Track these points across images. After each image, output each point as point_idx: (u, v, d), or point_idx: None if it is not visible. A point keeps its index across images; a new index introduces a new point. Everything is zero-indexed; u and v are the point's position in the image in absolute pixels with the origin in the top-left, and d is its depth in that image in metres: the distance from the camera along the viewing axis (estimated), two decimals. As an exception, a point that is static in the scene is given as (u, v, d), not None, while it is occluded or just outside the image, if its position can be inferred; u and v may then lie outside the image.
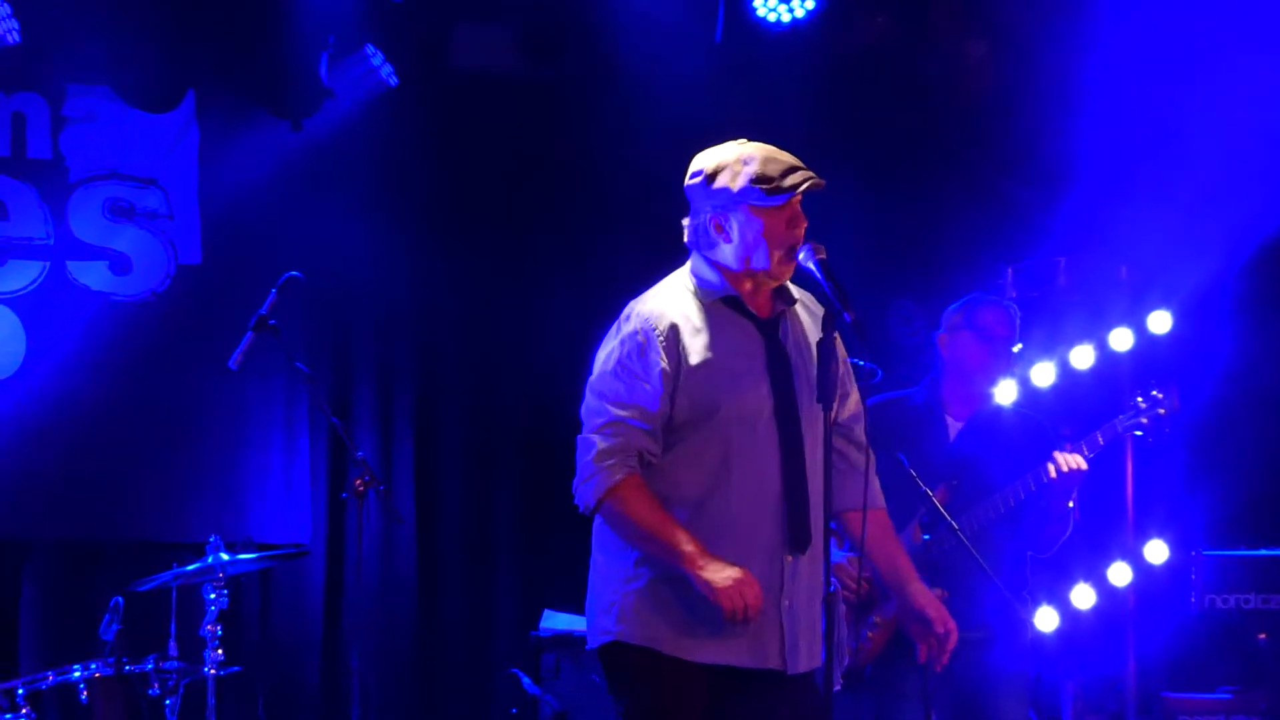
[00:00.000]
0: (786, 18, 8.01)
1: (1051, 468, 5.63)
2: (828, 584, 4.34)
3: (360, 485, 6.00)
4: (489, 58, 8.32)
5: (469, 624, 8.19)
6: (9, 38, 7.53)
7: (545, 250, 8.21)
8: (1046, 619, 6.50)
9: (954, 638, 4.57)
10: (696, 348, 4.38)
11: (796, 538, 4.38)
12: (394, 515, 6.31)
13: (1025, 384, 7.23)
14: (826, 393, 4.30)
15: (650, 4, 7.86)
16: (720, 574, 4.25)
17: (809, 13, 8.00)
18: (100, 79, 7.84)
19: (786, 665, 4.38)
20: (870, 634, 5.70)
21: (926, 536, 5.50)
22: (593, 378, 4.46)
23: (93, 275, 7.84)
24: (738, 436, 4.35)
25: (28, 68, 7.72)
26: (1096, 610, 7.40)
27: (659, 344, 4.37)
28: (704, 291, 4.46)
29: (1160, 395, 5.83)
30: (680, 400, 4.36)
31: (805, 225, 4.42)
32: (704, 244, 4.47)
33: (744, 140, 4.46)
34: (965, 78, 8.12)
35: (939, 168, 8.18)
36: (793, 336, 4.48)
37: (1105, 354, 7.46)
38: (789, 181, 4.36)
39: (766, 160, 4.38)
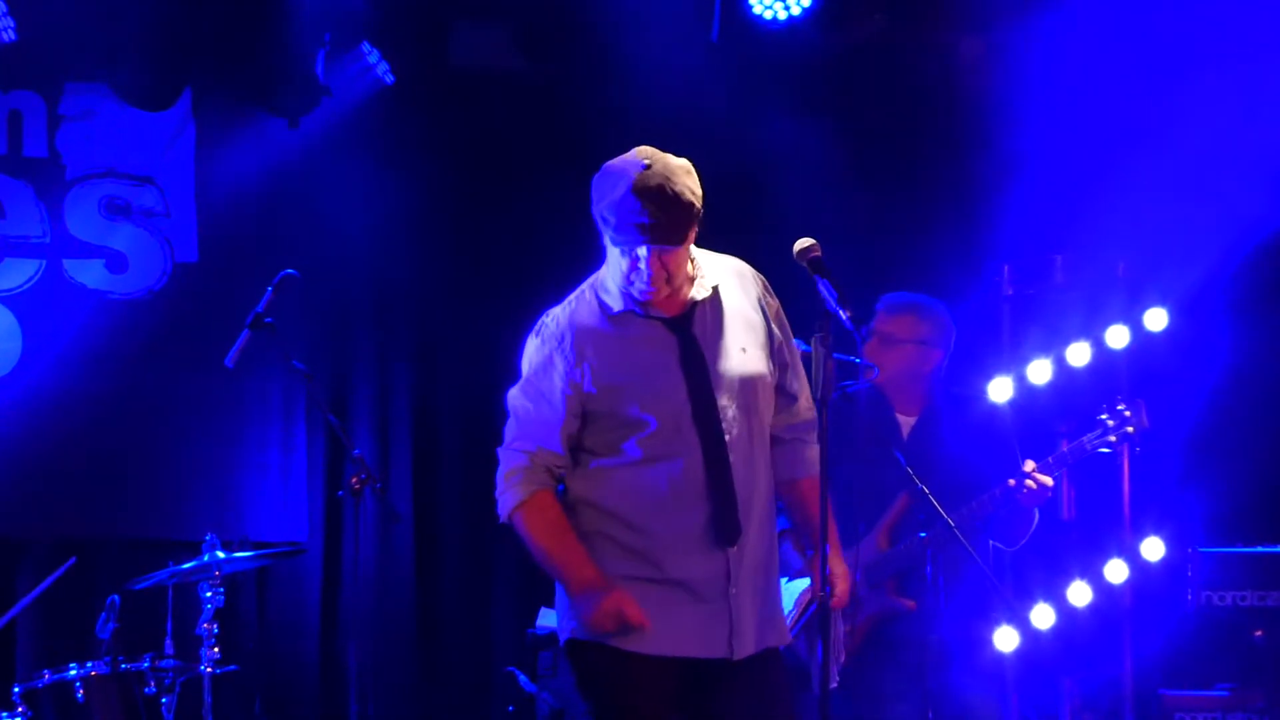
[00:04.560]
0: (783, 15, 8.00)
1: (1012, 481, 5.57)
2: (822, 581, 4.32)
3: (357, 483, 5.99)
4: (486, 56, 8.32)
5: (466, 622, 8.19)
6: (5, 35, 7.52)
7: (543, 248, 8.19)
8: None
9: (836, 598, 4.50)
10: (604, 361, 4.40)
11: (723, 533, 4.39)
12: (391, 513, 6.31)
13: (1022, 381, 7.23)
14: (824, 390, 4.31)
15: (647, 2, 7.86)
16: (588, 607, 4.34)
17: (805, 10, 7.99)
18: (97, 77, 7.83)
19: (733, 652, 4.40)
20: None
21: (923, 535, 5.46)
22: (511, 390, 4.52)
23: (89, 273, 7.84)
24: (661, 441, 4.37)
25: (24, 65, 7.72)
26: (1093, 608, 7.39)
27: (565, 361, 4.41)
28: (606, 302, 4.46)
29: (1128, 412, 5.77)
30: (596, 412, 4.39)
31: (654, 275, 4.32)
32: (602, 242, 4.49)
33: (652, 156, 4.35)
34: (961, 75, 8.13)
35: (935, 165, 8.18)
36: (710, 325, 4.45)
37: (1102, 351, 7.45)
38: (625, 234, 4.30)
39: (628, 199, 4.28)
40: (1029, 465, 5.60)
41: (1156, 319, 7.40)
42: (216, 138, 7.95)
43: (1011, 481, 5.56)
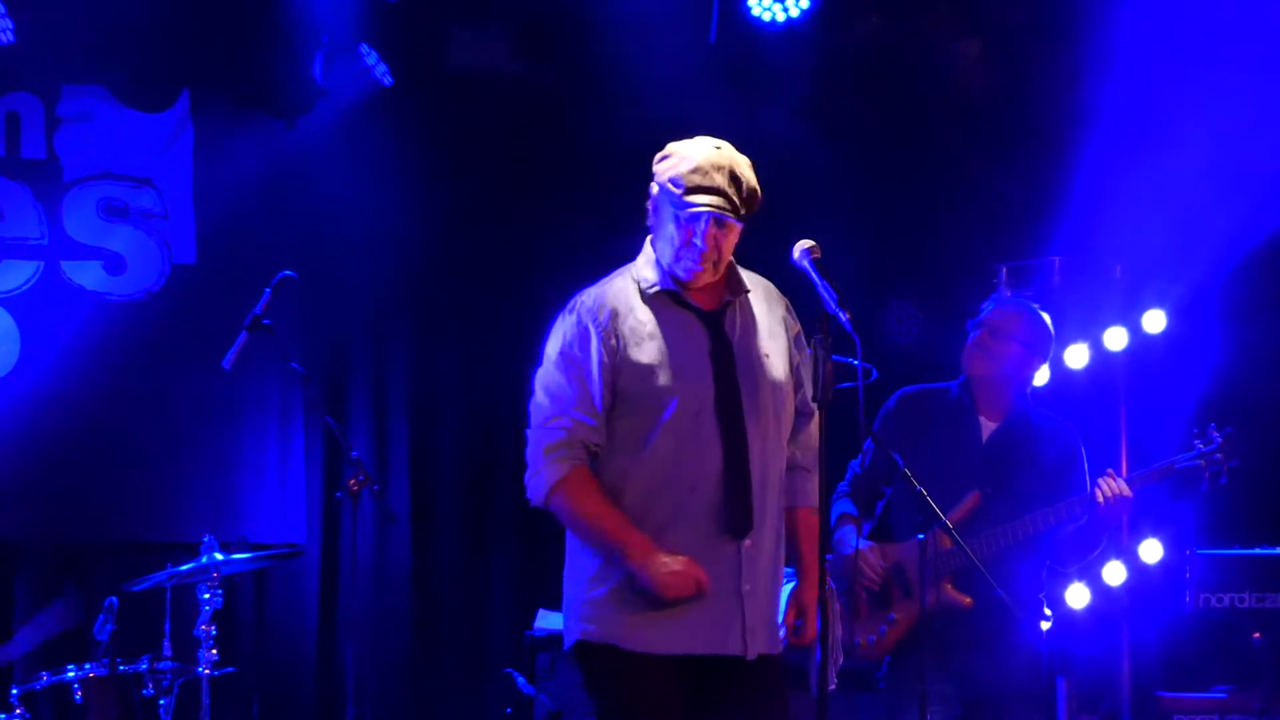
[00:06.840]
0: (781, 17, 8.01)
1: (1099, 494, 5.60)
2: (822, 578, 4.34)
3: (354, 485, 6.00)
4: (484, 57, 8.32)
5: (464, 623, 8.19)
6: (4, 37, 7.53)
7: (540, 249, 8.21)
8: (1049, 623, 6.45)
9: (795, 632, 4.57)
10: (637, 339, 4.42)
11: (735, 525, 4.41)
12: (388, 514, 6.31)
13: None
14: (823, 392, 4.31)
15: (645, 3, 7.86)
16: (661, 570, 4.31)
17: (803, 12, 8.01)
18: (95, 78, 7.84)
19: (747, 649, 4.42)
20: (887, 629, 5.69)
21: (920, 536, 5.46)
22: (539, 371, 4.52)
23: (87, 275, 7.84)
24: (682, 427, 4.39)
25: (22, 67, 7.72)
26: (1091, 609, 7.40)
27: (599, 334, 4.42)
28: (645, 282, 4.50)
29: (1221, 438, 5.78)
30: (623, 390, 4.41)
31: (707, 249, 4.40)
32: (650, 223, 4.52)
33: (723, 143, 4.47)
34: (959, 77, 8.13)
35: (933, 167, 8.19)
36: (740, 327, 4.50)
37: (1099, 353, 7.47)
38: (691, 197, 4.37)
39: (700, 167, 4.38)
40: (1109, 474, 5.62)
41: (1154, 321, 7.41)
42: (214, 139, 7.95)
43: (1101, 484, 5.57)
